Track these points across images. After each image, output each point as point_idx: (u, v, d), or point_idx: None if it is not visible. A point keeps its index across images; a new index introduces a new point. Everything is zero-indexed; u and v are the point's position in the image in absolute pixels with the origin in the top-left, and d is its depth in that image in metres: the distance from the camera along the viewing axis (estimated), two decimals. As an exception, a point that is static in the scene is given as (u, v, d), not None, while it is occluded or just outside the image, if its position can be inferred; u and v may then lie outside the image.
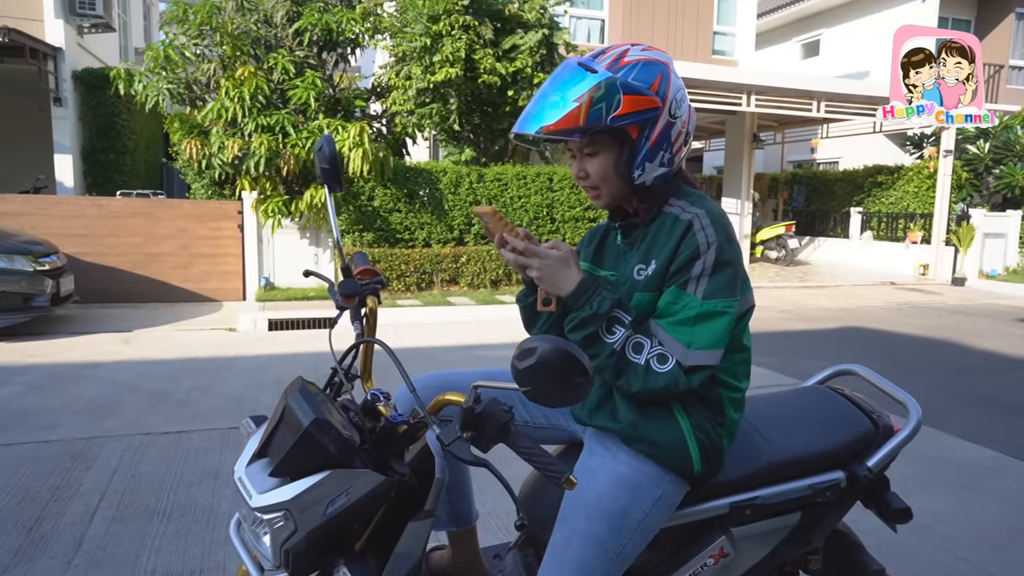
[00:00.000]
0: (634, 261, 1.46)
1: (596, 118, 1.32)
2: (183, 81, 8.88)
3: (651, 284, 1.40)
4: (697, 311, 1.33)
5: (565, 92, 1.33)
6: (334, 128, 8.44)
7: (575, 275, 1.36)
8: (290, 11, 8.89)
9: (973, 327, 8.47)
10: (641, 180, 1.41)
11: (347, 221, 9.21)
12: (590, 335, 1.35)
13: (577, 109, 1.31)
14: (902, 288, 12.10)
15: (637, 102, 1.35)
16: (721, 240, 1.36)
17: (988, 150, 13.50)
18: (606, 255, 1.59)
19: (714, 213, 1.41)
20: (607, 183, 1.43)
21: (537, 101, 1.38)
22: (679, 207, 1.45)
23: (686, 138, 1.47)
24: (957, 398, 5.31)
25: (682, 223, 1.40)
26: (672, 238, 1.39)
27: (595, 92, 1.32)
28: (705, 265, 1.34)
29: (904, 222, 13.85)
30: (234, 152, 8.20)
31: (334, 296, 1.58)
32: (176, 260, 9.13)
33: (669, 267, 1.37)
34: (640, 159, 1.39)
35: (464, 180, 9.59)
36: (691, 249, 1.35)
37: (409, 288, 9.34)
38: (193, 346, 6.83)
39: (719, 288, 1.35)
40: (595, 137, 1.39)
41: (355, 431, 1.26)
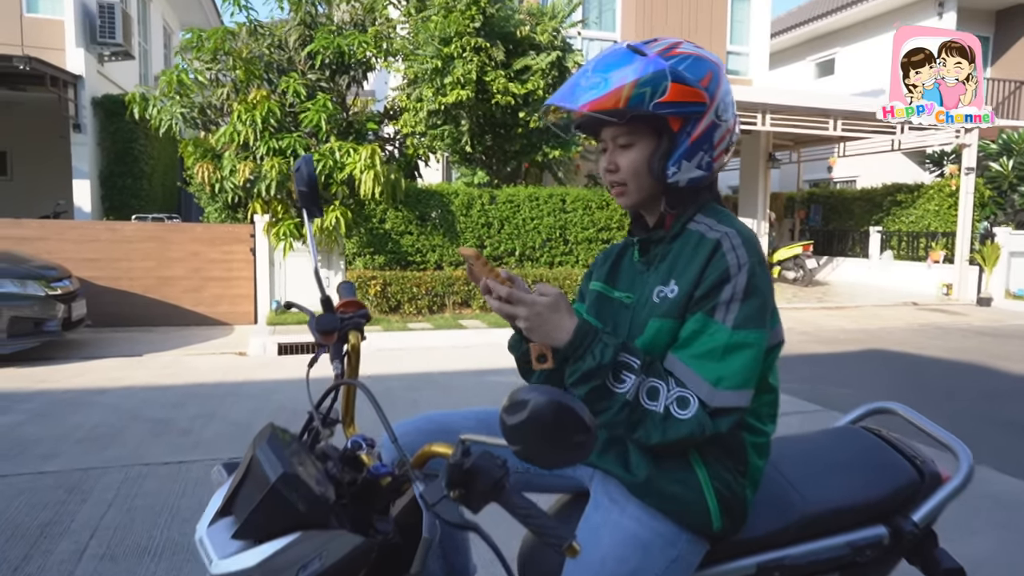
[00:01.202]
0: (653, 282, 1.32)
1: (639, 102, 1.22)
2: (197, 106, 8.93)
3: (672, 309, 1.26)
4: (726, 341, 1.19)
5: (609, 73, 1.24)
6: (345, 151, 8.41)
7: (568, 322, 1.20)
8: (303, 35, 8.93)
9: (1002, 349, 8.18)
10: (675, 179, 1.30)
11: (358, 244, 9.16)
12: (596, 388, 1.19)
13: (619, 90, 1.22)
14: (925, 309, 11.79)
15: (684, 92, 1.25)
16: (753, 263, 1.23)
17: (1012, 167, 13.21)
18: (621, 274, 1.46)
19: (745, 233, 1.28)
20: (637, 179, 1.32)
21: (576, 79, 1.28)
22: (706, 224, 1.31)
23: (728, 146, 1.34)
24: (989, 425, 5.07)
25: (709, 242, 1.26)
26: (698, 258, 1.25)
27: (641, 75, 1.22)
28: (736, 289, 1.20)
29: (925, 241, 13.57)
30: (245, 175, 8.19)
31: (314, 331, 1.46)
32: (188, 284, 9.11)
33: (694, 291, 1.23)
34: (678, 155, 1.28)
35: (476, 202, 9.52)
36: (720, 271, 1.22)
37: (421, 311, 9.23)
38: (202, 371, 6.76)
39: (750, 317, 1.21)
40: (632, 127, 1.29)
41: (331, 485, 1.13)
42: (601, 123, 1.31)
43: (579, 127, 1.39)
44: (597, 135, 1.38)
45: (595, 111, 1.23)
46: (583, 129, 1.41)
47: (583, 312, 1.50)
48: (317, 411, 1.35)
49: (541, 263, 9.95)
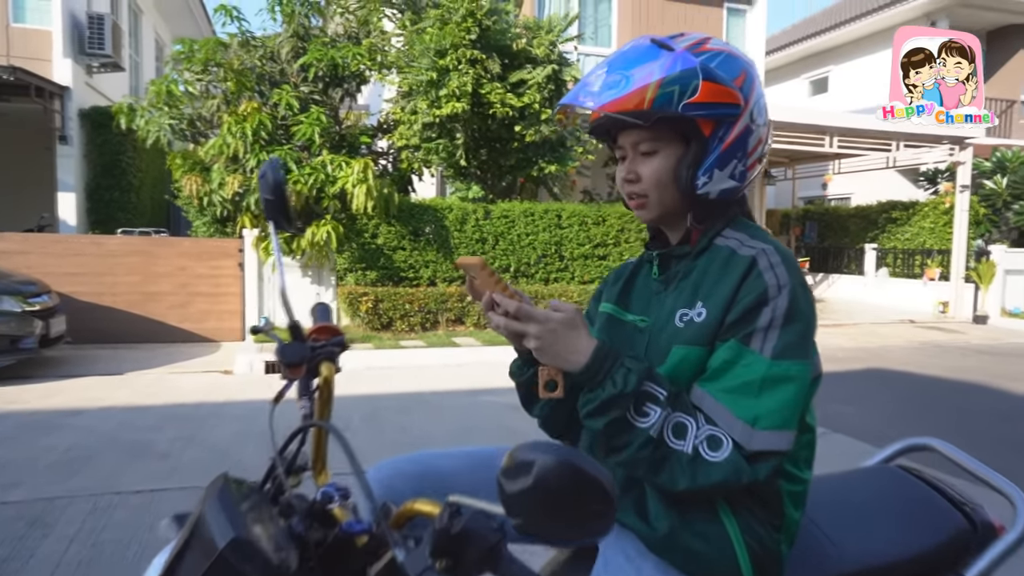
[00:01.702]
0: (673, 303, 1.16)
1: (665, 102, 1.08)
2: (186, 117, 8.76)
3: (700, 335, 1.09)
4: (764, 374, 1.03)
5: (631, 70, 1.09)
6: (337, 164, 8.25)
7: (585, 343, 1.05)
8: (296, 47, 8.80)
9: (1004, 369, 8.04)
10: (705, 190, 1.14)
11: (350, 259, 8.97)
12: (615, 421, 1.03)
13: (643, 89, 1.07)
14: (922, 326, 11.68)
15: (717, 92, 1.10)
16: (795, 284, 1.07)
17: (1006, 185, 13.18)
18: (634, 295, 1.29)
19: (783, 250, 1.12)
20: (661, 190, 1.17)
21: (592, 76, 1.14)
22: (736, 240, 1.16)
23: (761, 155, 1.18)
24: (1011, 452, 4.90)
25: (743, 259, 1.11)
26: (730, 277, 1.10)
27: (669, 73, 1.08)
28: (775, 314, 1.05)
29: (921, 258, 13.49)
30: (234, 188, 8.02)
31: (279, 362, 1.27)
32: (174, 299, 8.89)
33: (725, 315, 1.07)
34: (709, 163, 1.13)
35: (470, 217, 9.36)
36: (757, 292, 1.06)
37: (413, 328, 9.03)
38: (185, 390, 6.53)
39: (792, 346, 1.04)
40: (657, 131, 1.13)
41: (294, 548, 0.94)
42: (620, 127, 1.16)
43: (593, 131, 1.24)
44: (613, 141, 1.23)
45: (616, 112, 1.09)
46: (597, 134, 1.24)
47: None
48: (281, 457, 1.16)
49: (536, 279, 9.78)
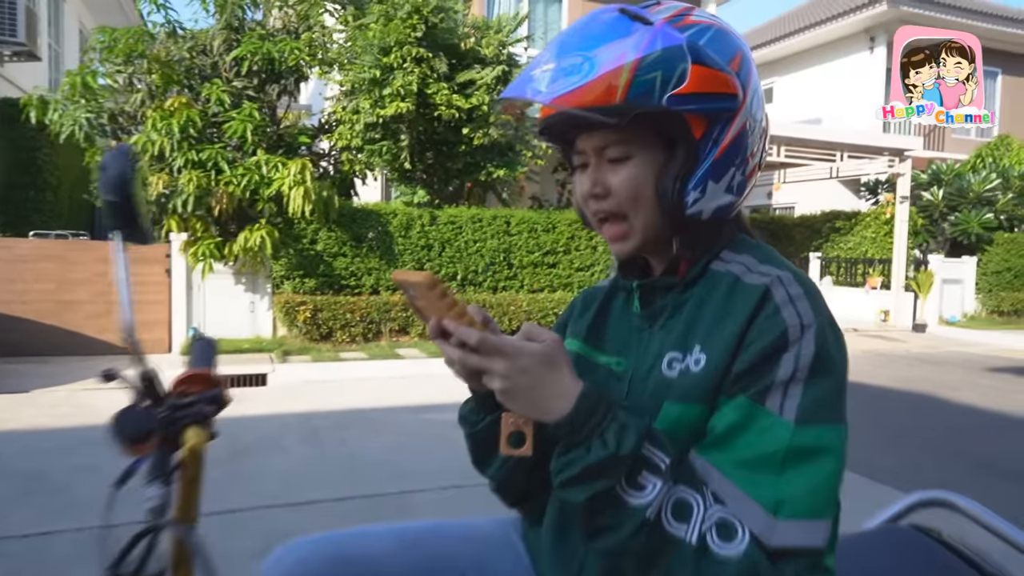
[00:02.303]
0: (660, 345, 0.90)
1: (643, 93, 0.79)
2: (107, 112, 8.11)
3: (699, 390, 0.82)
4: (787, 444, 0.77)
5: (594, 49, 0.80)
6: (273, 165, 7.76)
7: (569, 385, 0.78)
8: (229, 39, 8.25)
9: (946, 378, 8.15)
10: (697, 209, 0.86)
11: (286, 266, 8.47)
12: (602, 495, 0.76)
13: (613, 75, 0.78)
14: (865, 335, 11.87)
15: (711, 79, 0.82)
16: (823, 323, 0.81)
17: (942, 197, 13.58)
18: (609, 330, 1.01)
19: (803, 278, 0.86)
20: (639, 208, 0.88)
21: (543, 60, 0.83)
22: (740, 264, 0.90)
23: (761, 160, 0.92)
24: (963, 466, 4.84)
25: (752, 290, 0.84)
26: (736, 313, 0.83)
27: (647, 52, 0.79)
28: (799, 363, 0.78)
29: (863, 267, 13.77)
30: (159, 189, 7.43)
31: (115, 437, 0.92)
32: (93, 308, 8.21)
33: (732, 363, 0.81)
34: (702, 173, 0.84)
35: (416, 222, 8.98)
36: (774, 334, 0.80)
37: (355, 339, 8.58)
38: (98, 409, 5.93)
39: (822, 404, 0.78)
40: (631, 131, 0.84)
41: None
42: (580, 127, 0.88)
43: (545, 132, 0.94)
44: (569, 144, 0.93)
45: (577, 108, 0.79)
46: (550, 136, 0.94)
47: None
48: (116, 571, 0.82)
49: (484, 288, 9.46)
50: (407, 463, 4.57)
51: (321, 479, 4.37)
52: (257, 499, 4.05)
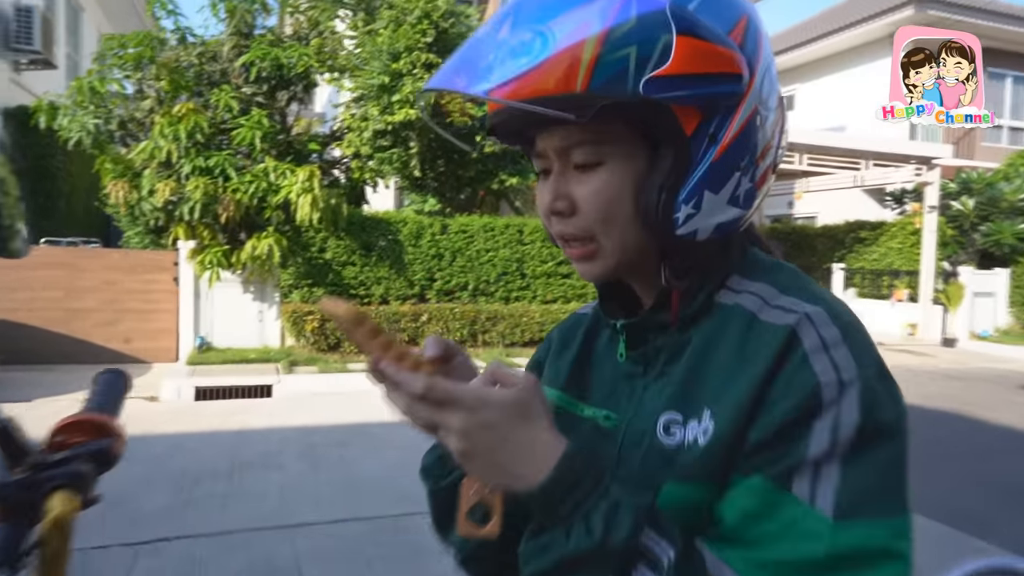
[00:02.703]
0: (656, 399, 0.70)
1: (612, 77, 0.58)
2: (117, 118, 8.06)
3: (705, 467, 0.63)
4: (825, 548, 0.56)
5: (548, 21, 0.59)
6: (281, 172, 7.65)
7: (548, 445, 0.60)
8: (238, 45, 8.18)
9: (979, 396, 7.78)
10: (690, 228, 0.65)
11: (295, 274, 8.34)
12: None
13: (572, 55, 0.58)
14: (891, 349, 11.48)
15: (705, 56, 0.61)
16: (869, 377, 0.60)
17: (973, 207, 13.15)
18: (594, 374, 0.79)
19: (840, 312, 0.64)
20: (613, 227, 0.66)
21: (484, 36, 0.63)
22: (755, 295, 0.68)
23: (775, 159, 0.70)
24: (998, 493, 4.53)
25: (773, 332, 0.64)
26: (752, 364, 0.63)
27: (617, 22, 0.59)
28: (837, 435, 0.58)
29: (888, 279, 13.36)
30: (166, 196, 7.34)
31: None
32: (101, 316, 8.15)
33: (747, 429, 0.61)
34: (696, 182, 0.63)
35: (426, 231, 8.81)
36: (802, 394, 0.60)
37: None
38: (97, 421, 5.82)
39: (873, 491, 0.59)
40: (602, 127, 0.63)
41: None
42: (538, 123, 0.66)
43: (495, 131, 0.72)
44: (528, 144, 0.72)
45: (528, 100, 0.59)
46: (502, 134, 0.72)
47: None
48: None
49: (496, 298, 9.26)
50: (409, 483, 4.34)
51: (319, 499, 4.19)
52: (252, 519, 3.89)
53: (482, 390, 0.58)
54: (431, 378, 0.57)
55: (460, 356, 0.69)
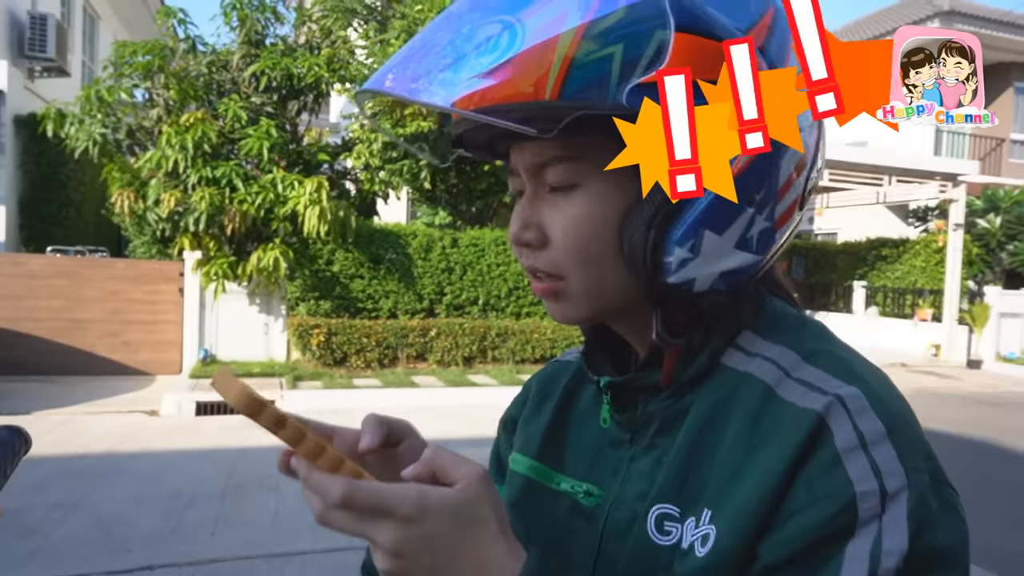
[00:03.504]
0: (646, 480, 0.57)
1: (589, 84, 0.46)
2: (125, 126, 7.98)
3: (713, 574, 0.50)
4: None
5: (522, 10, 0.47)
6: (289, 183, 7.52)
7: (499, 562, 0.46)
8: (249, 54, 8.09)
9: (1010, 423, 7.44)
10: (683, 277, 0.51)
11: (301, 287, 8.19)
12: None
13: (543, 54, 0.46)
14: (915, 371, 11.12)
15: (709, 58, 0.46)
16: (922, 486, 0.47)
17: (1000, 225, 12.78)
18: (572, 440, 0.66)
19: (882, 395, 0.50)
20: (587, 265, 0.54)
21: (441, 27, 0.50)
22: (771, 362, 0.55)
23: (806, 191, 0.55)
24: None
25: (795, 417, 0.50)
26: (767, 457, 0.50)
27: (600, 15, 0.46)
28: (879, 563, 0.45)
29: (912, 298, 13.01)
30: (171, 206, 7.22)
31: None
32: (104, 327, 8.03)
33: (757, 543, 0.48)
34: (693, 219, 0.50)
35: (436, 244, 8.64)
36: (833, 507, 0.46)
37: (370, 365, 8.23)
38: (92, 436, 5.67)
39: None
40: (582, 143, 0.51)
41: None
42: (507, 135, 0.54)
43: (462, 142, 0.60)
44: (503, 157, 0.59)
45: (489, 108, 0.47)
46: (469, 146, 0.60)
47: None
48: None
49: (507, 314, 9.05)
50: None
51: (315, 525, 3.97)
52: (243, 547, 3.71)
53: (421, 492, 0.45)
54: (352, 482, 0.45)
55: (408, 440, 0.55)
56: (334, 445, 0.51)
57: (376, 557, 0.46)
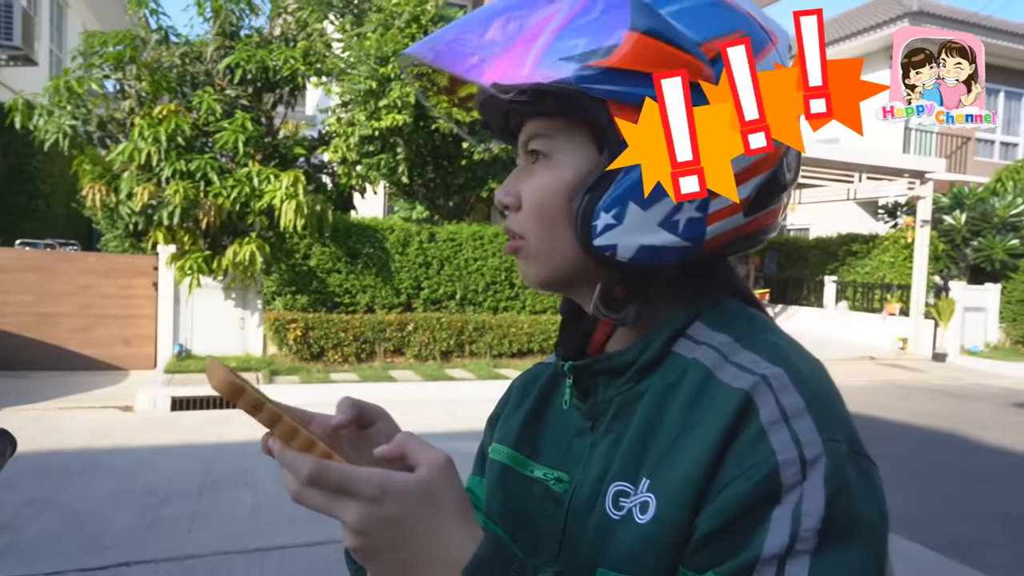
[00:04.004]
0: (604, 463, 0.62)
1: (555, 65, 0.56)
2: (96, 118, 7.84)
3: (641, 555, 0.55)
4: None
5: (525, 8, 0.59)
6: (265, 177, 7.46)
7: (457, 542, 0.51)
8: (223, 46, 7.99)
9: (971, 414, 7.68)
10: (606, 241, 0.58)
11: (278, 281, 8.14)
12: None
13: (530, 43, 0.57)
14: (883, 364, 11.40)
15: (657, 57, 0.55)
16: (838, 454, 0.52)
17: (965, 221, 13.11)
18: (547, 431, 0.71)
19: (806, 374, 0.56)
20: (542, 225, 0.62)
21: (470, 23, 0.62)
22: (713, 349, 0.60)
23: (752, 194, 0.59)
24: (992, 520, 4.39)
25: (725, 395, 0.56)
26: (700, 433, 0.55)
27: (583, 11, 0.57)
28: (800, 525, 0.50)
29: (880, 292, 13.30)
30: (144, 200, 7.13)
31: None
32: (76, 322, 7.92)
33: (695, 513, 0.54)
34: (622, 189, 0.57)
35: (413, 239, 8.64)
36: (757, 476, 0.52)
37: (347, 359, 8.22)
38: (66, 431, 5.61)
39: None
40: (562, 122, 0.61)
41: None
42: (518, 115, 0.65)
43: (487, 123, 0.70)
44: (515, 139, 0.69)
45: (494, 82, 0.57)
46: (493, 127, 0.70)
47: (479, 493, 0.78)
48: None
49: (484, 308, 9.09)
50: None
51: (293, 519, 4.00)
52: (219, 542, 3.71)
53: (384, 475, 0.49)
54: (321, 461, 0.49)
55: (381, 423, 0.59)
56: (312, 428, 0.54)
57: (344, 535, 0.50)
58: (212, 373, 0.51)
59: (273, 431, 0.51)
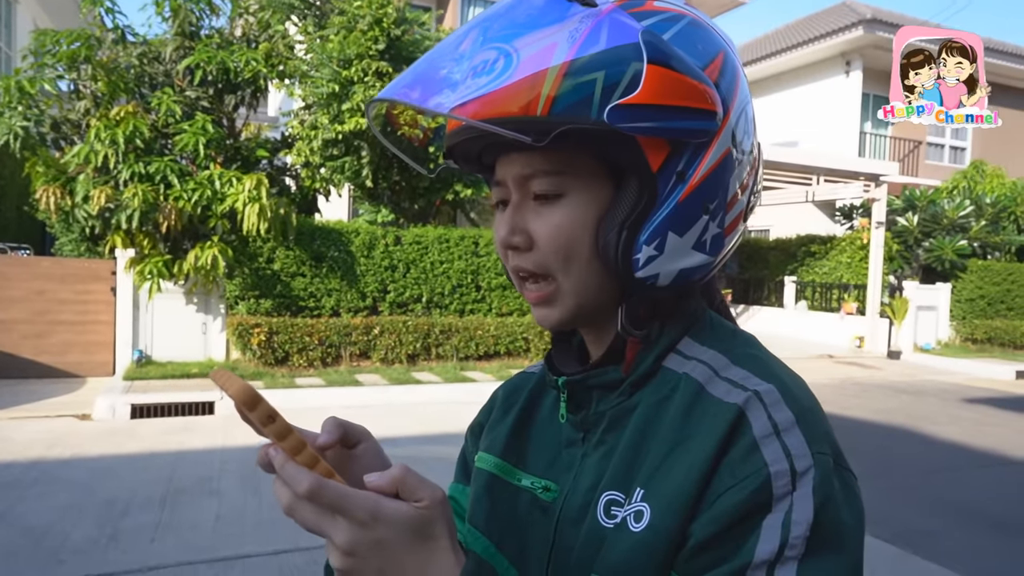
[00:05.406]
0: (596, 473, 0.64)
1: (576, 102, 0.55)
2: (50, 119, 7.63)
3: (635, 562, 0.57)
4: None
5: (515, 40, 0.56)
6: (227, 180, 7.34)
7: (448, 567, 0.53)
8: (183, 46, 7.84)
9: (924, 410, 7.94)
10: (649, 272, 0.61)
11: (241, 286, 8.02)
12: None
13: (537, 77, 0.54)
14: (840, 362, 11.70)
15: (676, 89, 0.56)
16: (826, 467, 0.55)
17: (917, 223, 13.54)
18: (534, 441, 0.74)
19: (795, 391, 0.59)
20: (571, 263, 0.62)
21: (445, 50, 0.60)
22: (704, 364, 0.63)
23: (748, 204, 0.66)
24: (944, 510, 4.56)
25: (718, 410, 0.59)
26: (694, 446, 0.58)
27: (586, 49, 0.56)
28: (789, 533, 0.53)
29: (838, 292, 13.66)
30: (101, 203, 6.96)
31: None
32: (29, 328, 7.69)
33: (689, 523, 0.56)
34: (660, 221, 0.59)
35: (379, 242, 8.59)
36: (750, 487, 0.54)
37: (312, 363, 8.14)
38: (18, 442, 5.45)
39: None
40: (566, 157, 0.60)
41: None
42: (497, 148, 0.63)
43: (452, 153, 0.67)
44: (487, 171, 0.68)
45: (488, 120, 0.55)
46: (459, 158, 0.67)
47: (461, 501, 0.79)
48: None
49: (451, 311, 9.09)
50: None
51: (259, 527, 3.95)
52: (184, 553, 3.65)
53: (375, 502, 0.50)
54: (320, 478, 0.49)
55: (365, 442, 0.60)
56: None
57: (331, 555, 0.51)
58: (227, 381, 0.50)
59: (282, 444, 0.51)
